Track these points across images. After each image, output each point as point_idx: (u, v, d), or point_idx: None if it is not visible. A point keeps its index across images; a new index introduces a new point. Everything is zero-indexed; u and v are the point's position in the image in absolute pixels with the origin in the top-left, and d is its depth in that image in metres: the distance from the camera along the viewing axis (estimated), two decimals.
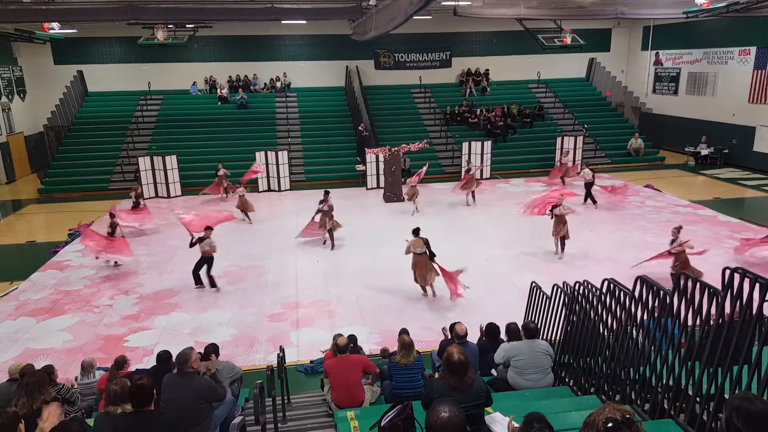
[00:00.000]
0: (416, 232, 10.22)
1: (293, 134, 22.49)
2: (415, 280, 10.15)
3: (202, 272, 10.86)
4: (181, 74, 24.28)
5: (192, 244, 10.75)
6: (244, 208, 15.50)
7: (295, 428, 5.55)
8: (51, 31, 19.09)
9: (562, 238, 11.98)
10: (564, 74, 26.36)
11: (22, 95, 23.05)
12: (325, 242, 13.28)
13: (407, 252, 10.07)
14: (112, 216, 12.81)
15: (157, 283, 11.31)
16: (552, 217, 12.01)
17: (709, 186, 18.70)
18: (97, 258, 12.17)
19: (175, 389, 4.44)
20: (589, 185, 15.95)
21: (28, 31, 20.06)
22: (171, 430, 3.78)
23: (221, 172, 17.96)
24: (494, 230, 14.25)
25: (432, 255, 9.94)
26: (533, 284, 7.78)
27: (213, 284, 10.87)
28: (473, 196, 16.82)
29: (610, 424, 2.10)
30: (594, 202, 15.87)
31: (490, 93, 25.40)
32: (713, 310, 4.00)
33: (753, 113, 20.35)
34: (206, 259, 10.76)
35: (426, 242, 9.98)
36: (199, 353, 5.13)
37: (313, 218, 13.52)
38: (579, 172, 14.64)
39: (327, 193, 13.93)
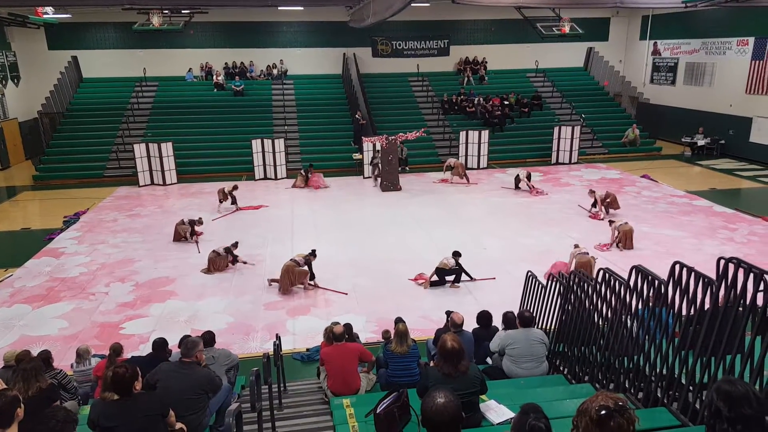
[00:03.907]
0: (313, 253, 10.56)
1: (290, 122, 22.38)
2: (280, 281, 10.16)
3: None
4: (176, 61, 24.07)
5: None
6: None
7: (291, 415, 5.59)
8: (45, 16, 18.89)
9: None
10: (562, 63, 26.26)
11: (16, 81, 22.82)
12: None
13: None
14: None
15: (153, 271, 11.29)
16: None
17: (706, 176, 18.74)
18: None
19: (174, 377, 4.46)
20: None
21: (22, 16, 19.84)
22: (154, 410, 3.80)
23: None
24: (491, 220, 14.27)
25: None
26: (529, 273, 7.81)
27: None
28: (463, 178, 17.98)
29: (603, 412, 2.12)
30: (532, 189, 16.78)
31: (488, 82, 25.30)
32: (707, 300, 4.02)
33: (750, 104, 20.34)
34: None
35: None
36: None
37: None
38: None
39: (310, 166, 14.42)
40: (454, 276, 10.18)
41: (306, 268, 10.25)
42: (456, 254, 10.19)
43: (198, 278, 10.92)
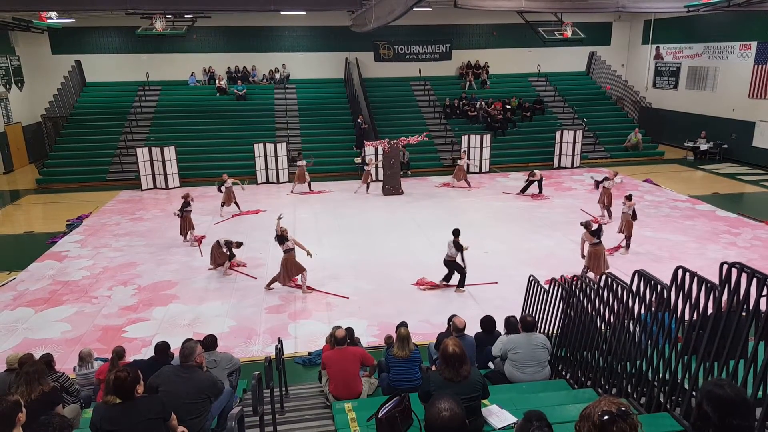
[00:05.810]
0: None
1: (292, 126, 22.42)
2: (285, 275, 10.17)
3: None
4: (179, 65, 24.17)
5: None
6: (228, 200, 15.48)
7: (293, 419, 5.58)
8: (49, 21, 18.98)
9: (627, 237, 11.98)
10: (564, 68, 26.29)
11: (19, 85, 22.93)
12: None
13: None
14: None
15: (156, 274, 11.30)
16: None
17: (708, 181, 18.71)
18: None
19: (176, 382, 4.45)
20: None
21: (26, 20, 19.92)
22: (156, 414, 3.80)
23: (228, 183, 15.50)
24: (493, 224, 14.26)
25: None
26: (531, 278, 7.79)
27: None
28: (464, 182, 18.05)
29: (605, 417, 2.11)
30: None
31: (490, 86, 25.32)
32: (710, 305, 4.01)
33: (753, 108, 20.32)
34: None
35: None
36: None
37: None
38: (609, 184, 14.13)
39: (299, 154, 15.04)
40: (459, 278, 10.14)
41: (299, 262, 10.24)
42: (455, 232, 10.11)
43: (200, 281, 10.93)
